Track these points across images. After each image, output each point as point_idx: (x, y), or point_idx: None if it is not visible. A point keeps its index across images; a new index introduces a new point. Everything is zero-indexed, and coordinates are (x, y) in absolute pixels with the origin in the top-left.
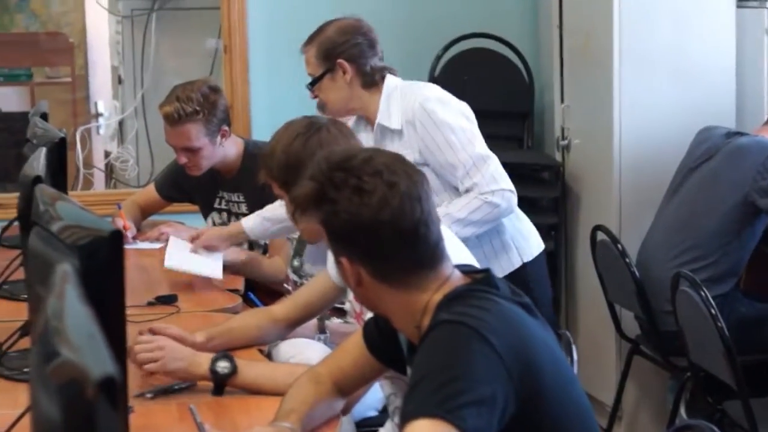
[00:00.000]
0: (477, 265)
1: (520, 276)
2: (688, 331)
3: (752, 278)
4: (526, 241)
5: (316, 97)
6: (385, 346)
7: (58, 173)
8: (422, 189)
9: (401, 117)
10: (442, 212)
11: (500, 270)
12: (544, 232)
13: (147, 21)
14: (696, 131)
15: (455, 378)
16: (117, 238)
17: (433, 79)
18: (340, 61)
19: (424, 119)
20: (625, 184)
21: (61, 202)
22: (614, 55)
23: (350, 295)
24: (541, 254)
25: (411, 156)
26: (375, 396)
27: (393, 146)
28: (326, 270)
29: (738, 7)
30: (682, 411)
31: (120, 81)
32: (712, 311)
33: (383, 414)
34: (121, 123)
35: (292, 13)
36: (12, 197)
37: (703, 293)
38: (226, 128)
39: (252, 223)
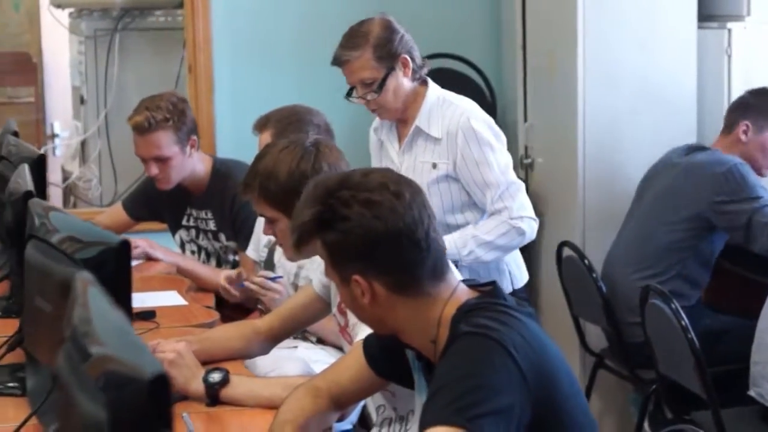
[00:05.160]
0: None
1: None
2: (657, 343)
3: (713, 291)
4: (519, 269)
5: (366, 102)
6: (386, 360)
7: (40, 189)
8: (425, 197)
9: (442, 127)
10: (469, 233)
11: None
12: None
13: (110, 41)
14: (658, 149)
15: (476, 387)
16: (125, 248)
17: None
18: (404, 57)
19: (468, 134)
20: (589, 202)
21: (55, 213)
22: (578, 74)
23: (334, 309)
24: (525, 285)
25: (444, 166)
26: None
27: (426, 149)
28: (309, 284)
29: (699, 27)
30: (646, 424)
31: (82, 101)
32: (683, 323)
33: (360, 427)
34: (83, 143)
35: (257, 31)
36: None
37: (673, 305)
38: (195, 138)
39: None
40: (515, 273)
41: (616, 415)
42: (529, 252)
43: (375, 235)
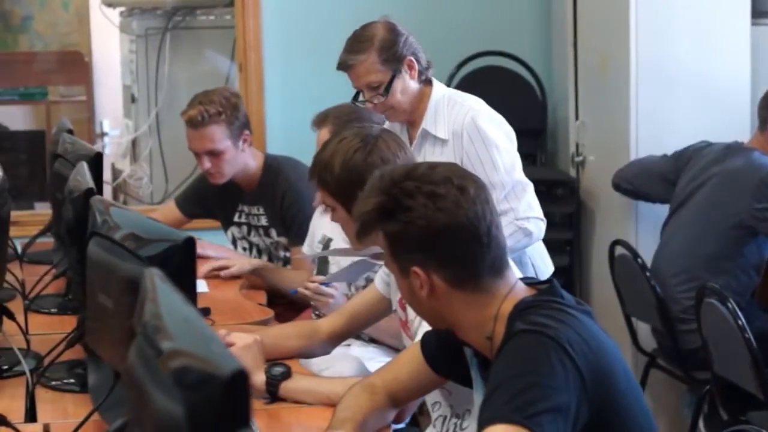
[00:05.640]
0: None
1: None
2: (713, 342)
3: (765, 292)
4: (543, 261)
5: (374, 106)
6: (444, 358)
7: (97, 187)
8: (488, 193)
9: (448, 127)
10: None
11: None
12: (559, 247)
13: (161, 40)
14: None
15: (533, 385)
16: (191, 245)
17: None
18: (409, 59)
19: (473, 134)
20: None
21: (116, 210)
22: (631, 72)
23: (395, 305)
24: (551, 276)
25: None
26: None
27: (434, 153)
28: (373, 283)
29: (753, 24)
30: (701, 424)
31: (133, 100)
32: (740, 322)
33: (411, 426)
34: (134, 141)
35: (307, 31)
36: (27, 214)
37: (730, 305)
38: (248, 133)
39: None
40: (539, 266)
41: (670, 414)
42: (580, 250)
43: (437, 227)
